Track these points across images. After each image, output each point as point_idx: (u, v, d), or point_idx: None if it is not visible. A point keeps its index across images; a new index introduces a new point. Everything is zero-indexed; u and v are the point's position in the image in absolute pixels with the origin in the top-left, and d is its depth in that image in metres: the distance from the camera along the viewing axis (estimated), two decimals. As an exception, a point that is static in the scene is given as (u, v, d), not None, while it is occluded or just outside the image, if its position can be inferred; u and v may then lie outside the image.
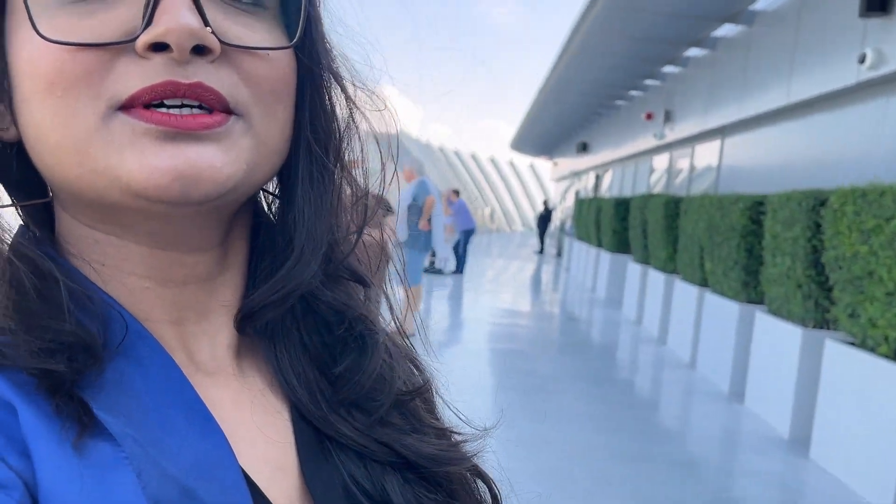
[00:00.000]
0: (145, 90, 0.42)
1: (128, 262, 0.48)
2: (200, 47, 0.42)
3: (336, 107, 0.54)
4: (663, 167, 15.05)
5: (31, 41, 0.42)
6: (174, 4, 0.41)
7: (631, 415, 6.08)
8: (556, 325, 11.22)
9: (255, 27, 0.46)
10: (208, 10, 0.43)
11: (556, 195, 37.23)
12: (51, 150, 0.44)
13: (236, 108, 0.44)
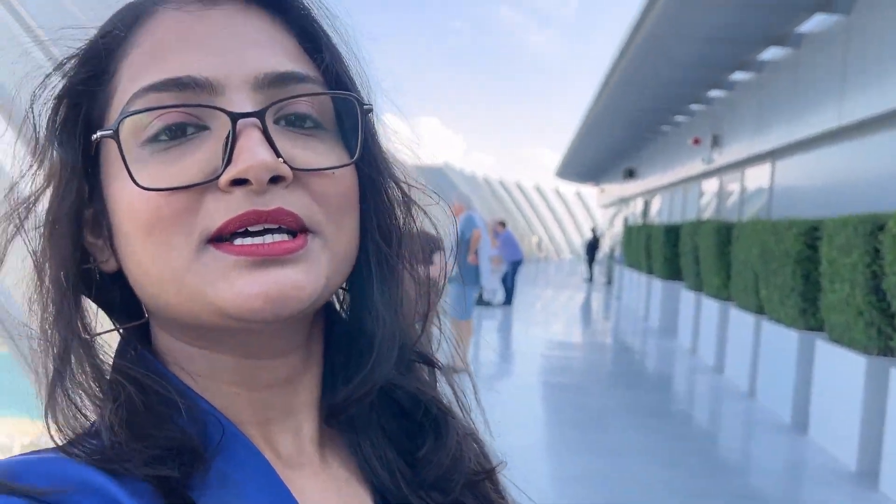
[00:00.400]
0: (231, 221, 0.46)
1: (220, 372, 0.52)
2: (276, 177, 0.47)
3: (395, 205, 0.58)
4: (713, 192, 14.84)
5: (130, 189, 0.47)
6: (249, 143, 0.46)
7: (690, 448, 5.96)
8: (609, 355, 11.08)
9: (318, 149, 0.50)
10: (278, 141, 0.47)
11: (604, 222, 36.93)
12: (152, 281, 0.49)
13: (311, 226, 0.49)
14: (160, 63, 0.48)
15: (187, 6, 0.51)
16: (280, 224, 0.47)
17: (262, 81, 0.49)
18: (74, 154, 0.50)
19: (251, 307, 0.46)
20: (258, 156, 0.46)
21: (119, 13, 0.53)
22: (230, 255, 0.47)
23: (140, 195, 0.47)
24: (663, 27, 9.56)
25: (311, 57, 0.53)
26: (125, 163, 0.47)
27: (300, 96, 0.50)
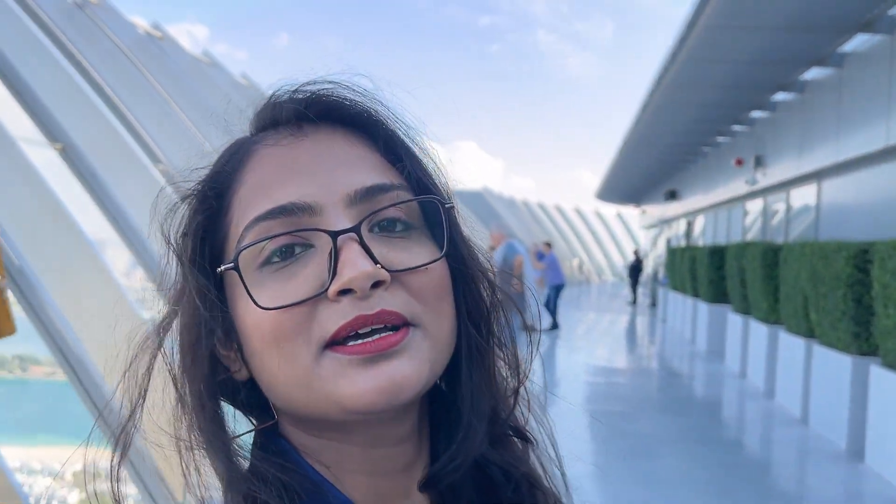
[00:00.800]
0: (343, 328, 0.52)
1: (348, 462, 0.58)
2: (377, 282, 0.53)
3: (482, 289, 0.63)
4: (757, 212, 14.65)
5: (253, 310, 0.54)
6: (350, 255, 0.53)
7: (742, 477, 5.87)
8: (656, 381, 10.95)
9: (411, 248, 0.56)
10: (374, 248, 0.53)
11: (646, 243, 36.56)
12: (282, 386, 0.55)
13: (412, 319, 0.54)
14: (265, 195, 0.56)
15: (281, 141, 0.58)
16: (384, 323, 0.53)
17: (354, 197, 0.55)
18: (205, 282, 0.57)
19: (369, 401, 0.52)
20: (359, 267, 0.52)
21: (225, 154, 0.62)
22: (345, 355, 0.53)
23: (263, 314, 0.53)
24: (703, 50, 9.55)
25: (394, 166, 0.59)
26: (247, 289, 0.54)
27: (388, 207, 0.56)
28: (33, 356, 21.46)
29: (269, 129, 0.61)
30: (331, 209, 0.55)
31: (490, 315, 0.63)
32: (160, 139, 7.22)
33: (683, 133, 16.04)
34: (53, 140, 5.52)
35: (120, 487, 0.60)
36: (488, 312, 0.63)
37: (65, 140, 5.49)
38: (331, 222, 0.54)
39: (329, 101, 0.60)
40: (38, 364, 21.42)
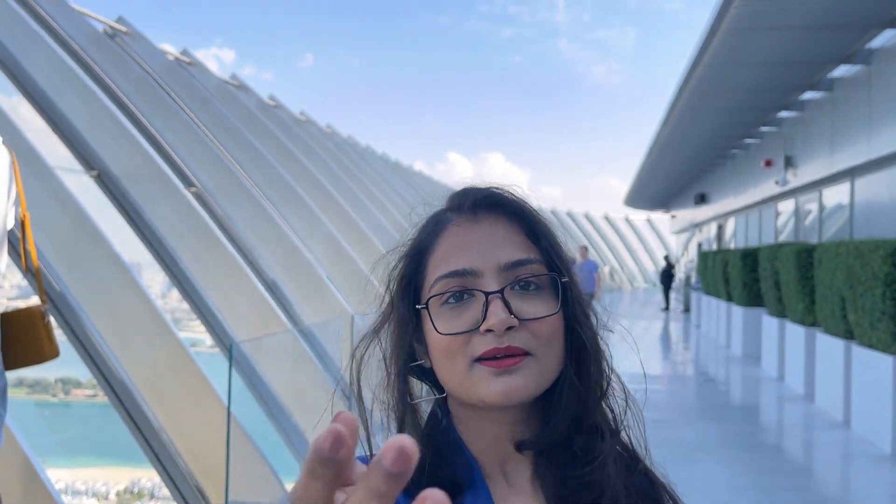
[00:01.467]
0: (486, 352, 0.81)
1: (481, 431, 0.86)
2: (510, 326, 0.80)
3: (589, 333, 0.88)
4: (789, 213, 14.46)
5: (435, 333, 0.83)
6: (495, 308, 0.81)
7: (785, 483, 5.77)
8: (692, 386, 10.83)
9: (537, 304, 0.83)
10: (512, 302, 0.82)
11: (677, 248, 36.19)
12: (448, 380, 0.85)
13: (529, 350, 0.82)
14: (449, 261, 0.85)
15: (463, 224, 0.87)
16: (510, 353, 0.81)
17: (504, 267, 0.84)
18: (409, 309, 0.88)
19: (495, 399, 0.81)
20: (499, 316, 0.81)
21: (428, 225, 0.91)
22: (487, 367, 0.81)
23: (440, 336, 0.83)
24: (727, 53, 9.49)
25: (535, 244, 0.87)
26: (432, 322, 0.84)
27: (526, 277, 0.84)
28: (75, 379, 21.88)
29: (456, 211, 0.89)
30: (488, 275, 0.84)
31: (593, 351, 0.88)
32: (191, 163, 7.35)
33: (711, 136, 15.92)
34: (89, 168, 5.65)
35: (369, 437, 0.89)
36: (593, 349, 0.88)
37: (100, 167, 5.63)
38: (486, 283, 0.83)
39: (495, 198, 0.88)
40: (80, 387, 21.82)
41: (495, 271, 0.83)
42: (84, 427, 19.89)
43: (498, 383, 0.80)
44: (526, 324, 0.81)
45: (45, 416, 20.27)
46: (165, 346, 4.91)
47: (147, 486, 16.36)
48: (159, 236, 5.97)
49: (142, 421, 4.71)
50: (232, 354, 3.08)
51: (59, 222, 4.80)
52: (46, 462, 9.00)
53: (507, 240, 0.85)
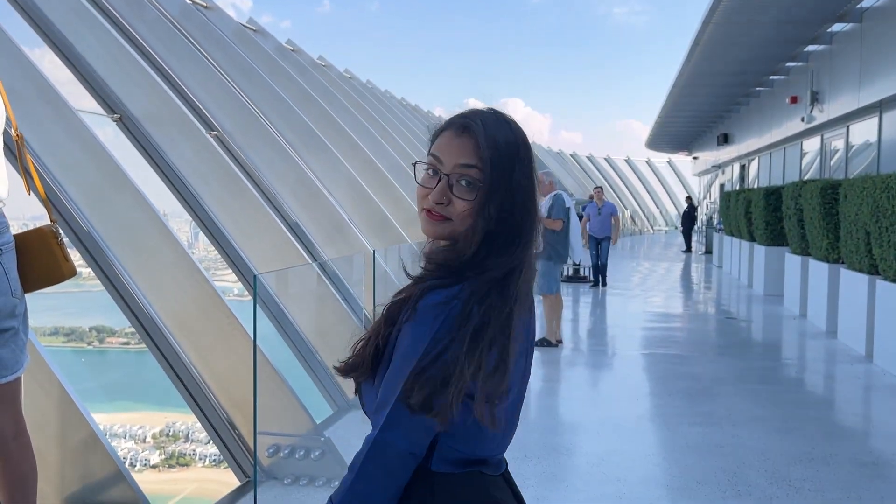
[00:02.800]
0: (427, 206, 1.32)
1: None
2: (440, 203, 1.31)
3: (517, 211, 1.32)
4: (814, 151, 14.23)
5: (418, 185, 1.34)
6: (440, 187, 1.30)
7: (806, 414, 5.84)
8: (713, 325, 10.86)
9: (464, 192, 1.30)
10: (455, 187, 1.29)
11: (699, 190, 35.82)
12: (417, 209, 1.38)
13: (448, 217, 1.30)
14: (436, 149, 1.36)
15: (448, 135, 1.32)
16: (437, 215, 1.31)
17: (457, 166, 1.29)
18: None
19: (426, 233, 1.34)
20: (437, 193, 1.29)
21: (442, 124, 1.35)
22: (425, 216, 1.32)
23: (418, 185, 1.33)
24: (753, -16, 9.23)
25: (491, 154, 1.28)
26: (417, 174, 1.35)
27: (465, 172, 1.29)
28: (109, 328, 22.36)
29: (447, 127, 1.33)
30: (449, 166, 1.30)
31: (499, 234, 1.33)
32: (211, 106, 7.37)
33: (735, 73, 15.59)
34: (110, 111, 5.70)
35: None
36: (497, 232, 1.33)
37: (121, 110, 5.67)
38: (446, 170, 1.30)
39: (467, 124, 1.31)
40: (114, 335, 22.32)
41: (451, 167, 1.29)
42: (119, 373, 20.45)
43: (425, 225, 1.31)
44: (452, 201, 1.28)
45: (82, 364, 20.86)
46: (193, 286, 5.01)
47: (181, 429, 16.87)
48: (183, 179, 6.03)
49: (173, 358, 4.84)
50: (256, 287, 3.15)
51: (85, 165, 4.87)
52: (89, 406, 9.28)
53: (467, 152, 1.28)
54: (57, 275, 2.38)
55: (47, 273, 2.35)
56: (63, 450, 3.33)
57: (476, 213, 1.27)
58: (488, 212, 1.26)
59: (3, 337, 2.24)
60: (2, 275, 2.22)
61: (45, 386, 3.19)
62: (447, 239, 1.30)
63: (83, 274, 14.23)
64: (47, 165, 4.61)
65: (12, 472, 2.28)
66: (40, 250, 2.34)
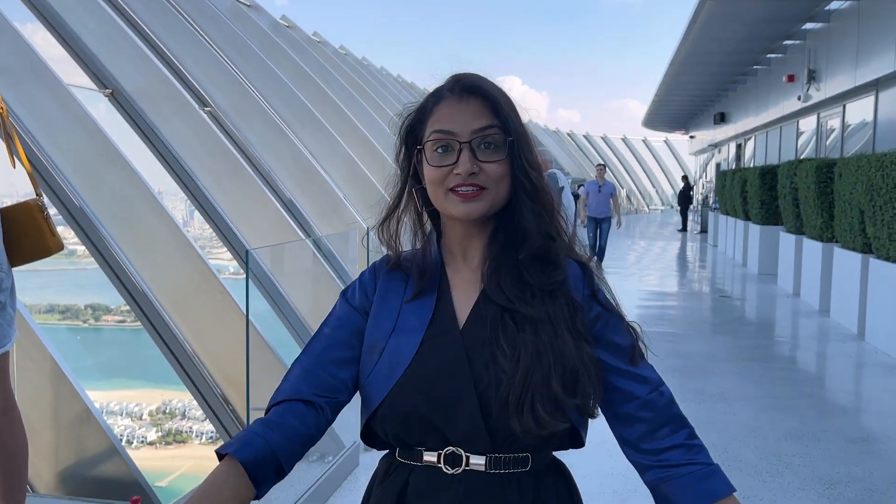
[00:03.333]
0: (456, 185, 1.19)
1: (455, 230, 1.26)
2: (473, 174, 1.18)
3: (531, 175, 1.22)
4: (810, 130, 14.21)
5: (428, 166, 1.21)
6: (464, 159, 1.18)
7: (798, 391, 5.88)
8: (707, 303, 10.91)
9: (491, 154, 1.19)
10: (478, 153, 1.18)
11: (695, 169, 35.80)
12: (435, 201, 1.23)
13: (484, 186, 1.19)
14: (441, 122, 1.20)
15: (452, 100, 1.22)
16: (473, 186, 1.18)
17: (474, 132, 1.19)
18: (410, 152, 1.26)
19: (460, 216, 1.20)
20: (465, 165, 1.17)
21: (428, 99, 1.25)
22: (455, 196, 1.19)
23: (431, 169, 1.20)
24: (751, -40, 9.16)
25: (496, 116, 1.20)
26: (426, 158, 1.21)
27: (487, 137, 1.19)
28: (105, 305, 22.34)
29: (449, 90, 1.22)
30: (463, 136, 1.19)
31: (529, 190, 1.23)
32: (205, 82, 7.32)
33: (732, 52, 15.51)
34: (102, 87, 5.66)
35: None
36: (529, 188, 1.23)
37: (114, 85, 5.63)
38: (462, 139, 1.18)
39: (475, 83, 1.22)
40: (109, 313, 22.31)
41: (468, 134, 1.18)
42: (115, 351, 20.45)
43: (462, 207, 1.18)
44: (483, 168, 1.18)
45: (77, 341, 20.85)
46: (188, 263, 5.01)
47: (178, 407, 16.91)
48: (176, 156, 6.00)
49: (168, 336, 4.85)
50: (248, 262, 3.15)
51: (78, 141, 4.84)
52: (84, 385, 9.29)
53: (478, 113, 1.19)
54: (43, 249, 2.36)
55: (33, 247, 2.32)
56: (57, 426, 3.34)
57: (508, 171, 1.18)
58: (521, 164, 1.18)
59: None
60: None
61: (37, 361, 3.19)
62: (485, 214, 1.18)
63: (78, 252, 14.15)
64: (39, 142, 4.58)
65: (2, 447, 2.28)
66: (26, 224, 2.31)
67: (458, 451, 1.14)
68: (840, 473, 4.15)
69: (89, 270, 16.67)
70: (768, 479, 4.09)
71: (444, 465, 1.15)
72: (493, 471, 1.13)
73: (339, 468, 4.04)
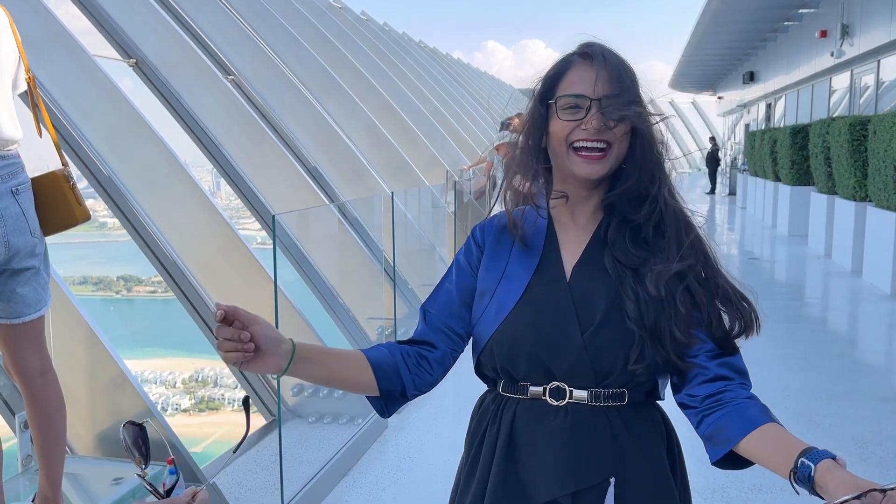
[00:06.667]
0: (580, 139, 1.28)
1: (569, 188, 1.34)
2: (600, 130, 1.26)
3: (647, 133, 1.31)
4: (844, 88, 13.86)
5: (557, 122, 1.30)
6: (592, 118, 1.26)
7: (829, 352, 5.82)
8: (736, 265, 10.79)
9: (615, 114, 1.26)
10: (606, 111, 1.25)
11: (724, 131, 35.18)
12: (557, 156, 1.32)
13: (610, 142, 1.27)
14: (572, 85, 1.29)
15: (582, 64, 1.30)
16: (599, 148, 1.27)
17: (603, 94, 1.26)
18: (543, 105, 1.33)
19: (585, 176, 1.29)
20: (593, 122, 1.25)
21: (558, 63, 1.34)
22: (580, 157, 1.28)
23: (560, 123, 1.29)
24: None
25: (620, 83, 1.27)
26: (557, 113, 1.30)
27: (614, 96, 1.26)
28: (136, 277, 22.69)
29: (579, 56, 1.32)
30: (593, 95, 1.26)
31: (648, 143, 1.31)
32: (226, 50, 7.30)
33: (762, 8, 15.13)
34: (126, 56, 5.67)
35: None
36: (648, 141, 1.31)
37: (137, 55, 5.64)
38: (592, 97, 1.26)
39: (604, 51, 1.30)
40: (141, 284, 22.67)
41: (598, 94, 1.26)
42: (148, 321, 20.82)
43: (585, 167, 1.27)
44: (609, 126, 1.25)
45: (111, 312, 21.25)
46: (217, 232, 5.05)
47: (210, 375, 17.24)
48: (202, 125, 6.02)
49: (199, 305, 4.91)
50: (274, 228, 3.16)
51: (105, 111, 4.86)
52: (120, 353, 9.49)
53: (606, 78, 1.27)
54: (70, 219, 2.38)
55: (61, 217, 2.35)
56: (92, 389, 3.41)
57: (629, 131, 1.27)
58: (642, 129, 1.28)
59: (24, 276, 2.27)
60: (20, 215, 2.23)
61: (71, 327, 3.25)
62: (605, 175, 1.29)
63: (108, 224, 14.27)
64: (67, 112, 4.61)
65: (40, 408, 2.34)
66: (53, 194, 2.33)
67: (563, 385, 1.27)
68: (872, 433, 4.12)
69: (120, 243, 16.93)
70: (803, 439, 4.06)
71: (549, 398, 1.28)
72: (594, 404, 1.27)
73: (368, 431, 4.09)
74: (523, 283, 1.32)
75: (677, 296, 1.25)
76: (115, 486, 2.63)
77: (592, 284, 1.30)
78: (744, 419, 1.19)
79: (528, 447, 1.29)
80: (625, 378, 1.26)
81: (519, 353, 1.28)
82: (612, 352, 1.25)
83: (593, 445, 1.26)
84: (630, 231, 1.31)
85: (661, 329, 1.23)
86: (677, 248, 1.28)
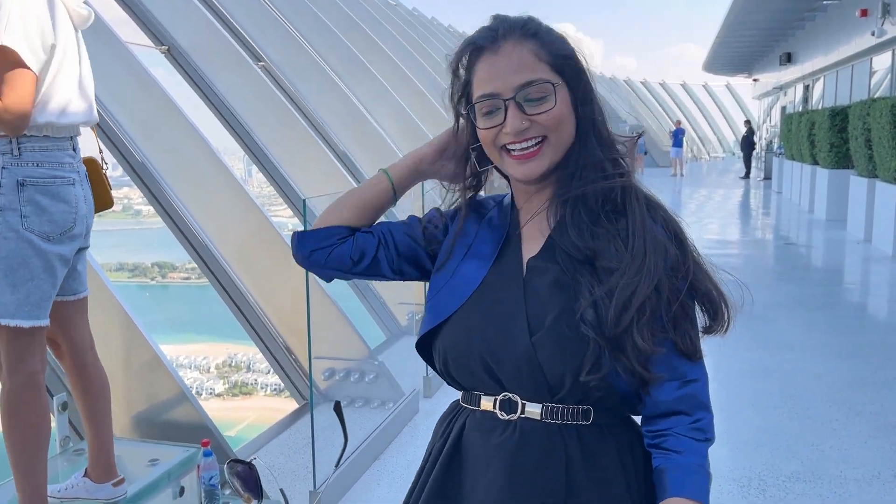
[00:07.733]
0: (508, 143, 1.15)
1: (517, 184, 1.24)
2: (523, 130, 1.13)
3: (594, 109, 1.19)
4: (885, 69, 13.50)
5: (480, 130, 1.17)
6: (511, 117, 1.12)
7: (867, 339, 5.70)
8: (771, 251, 10.61)
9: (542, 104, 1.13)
10: (525, 106, 1.12)
11: (759, 114, 34.56)
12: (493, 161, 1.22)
13: (545, 135, 1.14)
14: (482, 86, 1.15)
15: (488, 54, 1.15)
16: (528, 140, 1.14)
17: (517, 88, 1.12)
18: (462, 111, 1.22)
19: (520, 178, 1.18)
20: (513, 123, 1.13)
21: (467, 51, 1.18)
22: (512, 159, 1.16)
23: (482, 131, 1.17)
24: None
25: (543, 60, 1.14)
26: (475, 120, 1.18)
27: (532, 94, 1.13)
28: (170, 263, 23.05)
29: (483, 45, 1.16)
30: (507, 92, 1.13)
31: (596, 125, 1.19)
32: (257, 36, 7.33)
33: (800, -13, 14.77)
34: (158, 43, 5.71)
35: None
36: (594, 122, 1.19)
37: (169, 41, 5.68)
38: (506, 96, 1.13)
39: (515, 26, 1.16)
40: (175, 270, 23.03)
41: (511, 90, 1.12)
42: (182, 307, 21.16)
43: (521, 168, 1.16)
44: (537, 119, 1.12)
45: (146, 298, 21.64)
46: (249, 219, 5.08)
47: (243, 360, 17.48)
48: (234, 112, 6.05)
49: (233, 291, 4.95)
50: (305, 212, 3.17)
51: (139, 98, 4.91)
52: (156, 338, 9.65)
53: (519, 64, 1.12)
54: (108, 201, 2.45)
55: (98, 199, 2.41)
56: (129, 373, 3.46)
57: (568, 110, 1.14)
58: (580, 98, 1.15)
59: (83, 254, 2.38)
60: (90, 196, 2.34)
61: (107, 310, 3.30)
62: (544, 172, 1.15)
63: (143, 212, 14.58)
64: (102, 100, 4.67)
65: (91, 382, 2.40)
66: (93, 178, 2.39)
67: (514, 397, 1.12)
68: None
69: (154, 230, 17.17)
70: (838, 427, 3.99)
71: (498, 411, 1.14)
72: (549, 420, 1.10)
73: (399, 415, 4.10)
74: (482, 273, 1.19)
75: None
76: (150, 466, 2.67)
77: (547, 280, 1.14)
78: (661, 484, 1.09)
79: (469, 462, 1.17)
80: (580, 392, 1.08)
81: (467, 356, 1.15)
82: (562, 360, 1.07)
83: (540, 468, 1.10)
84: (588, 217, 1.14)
85: (622, 336, 1.05)
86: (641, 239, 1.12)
